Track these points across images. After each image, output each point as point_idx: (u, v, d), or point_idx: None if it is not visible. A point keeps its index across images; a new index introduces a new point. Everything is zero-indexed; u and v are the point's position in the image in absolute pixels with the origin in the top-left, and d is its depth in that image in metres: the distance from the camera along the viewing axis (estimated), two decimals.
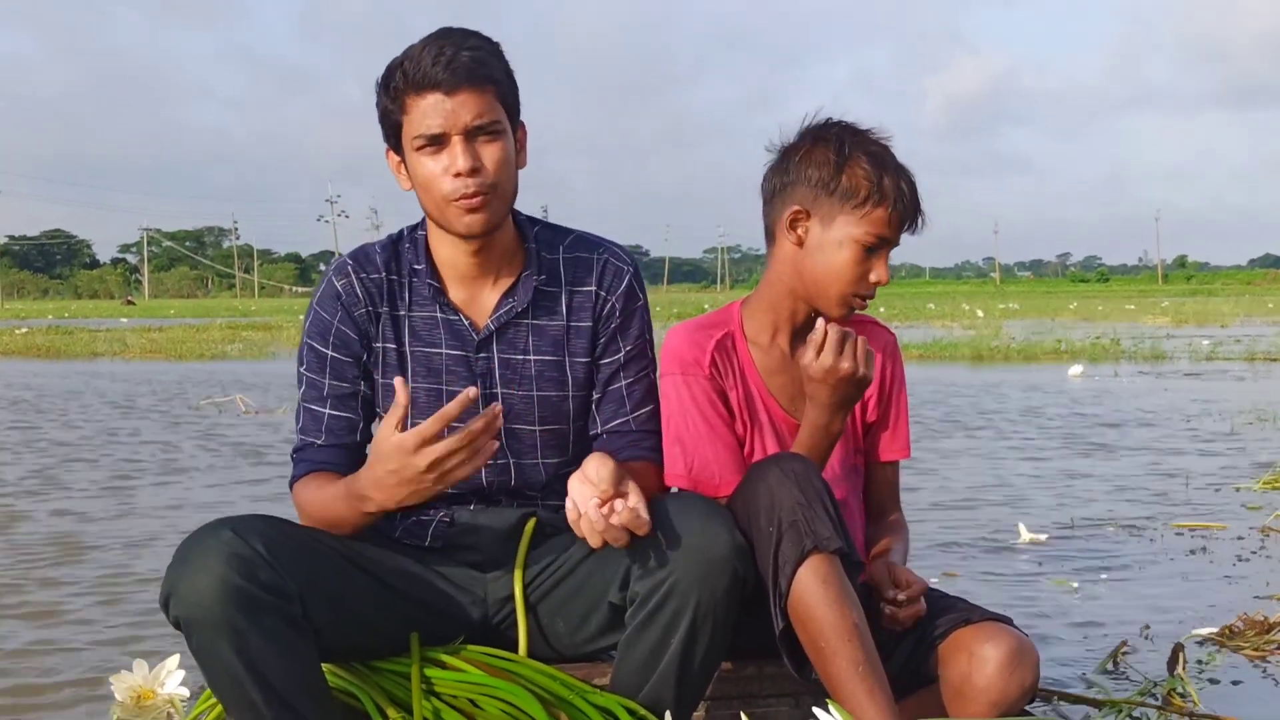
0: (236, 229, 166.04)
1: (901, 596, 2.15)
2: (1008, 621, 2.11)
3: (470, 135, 2.11)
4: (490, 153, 2.13)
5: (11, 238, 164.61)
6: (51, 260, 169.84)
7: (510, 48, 2.21)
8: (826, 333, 2.14)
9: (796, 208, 2.24)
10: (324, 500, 2.15)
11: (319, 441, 2.24)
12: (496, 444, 1.95)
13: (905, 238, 2.28)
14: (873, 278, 2.23)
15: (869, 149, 2.23)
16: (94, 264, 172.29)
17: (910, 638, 2.17)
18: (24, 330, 29.42)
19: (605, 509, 1.94)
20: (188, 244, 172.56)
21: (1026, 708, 2.07)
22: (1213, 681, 3.21)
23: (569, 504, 1.98)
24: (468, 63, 2.10)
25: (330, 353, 2.25)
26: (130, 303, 76.65)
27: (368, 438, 2.28)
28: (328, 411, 2.25)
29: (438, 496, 2.26)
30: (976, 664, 2.02)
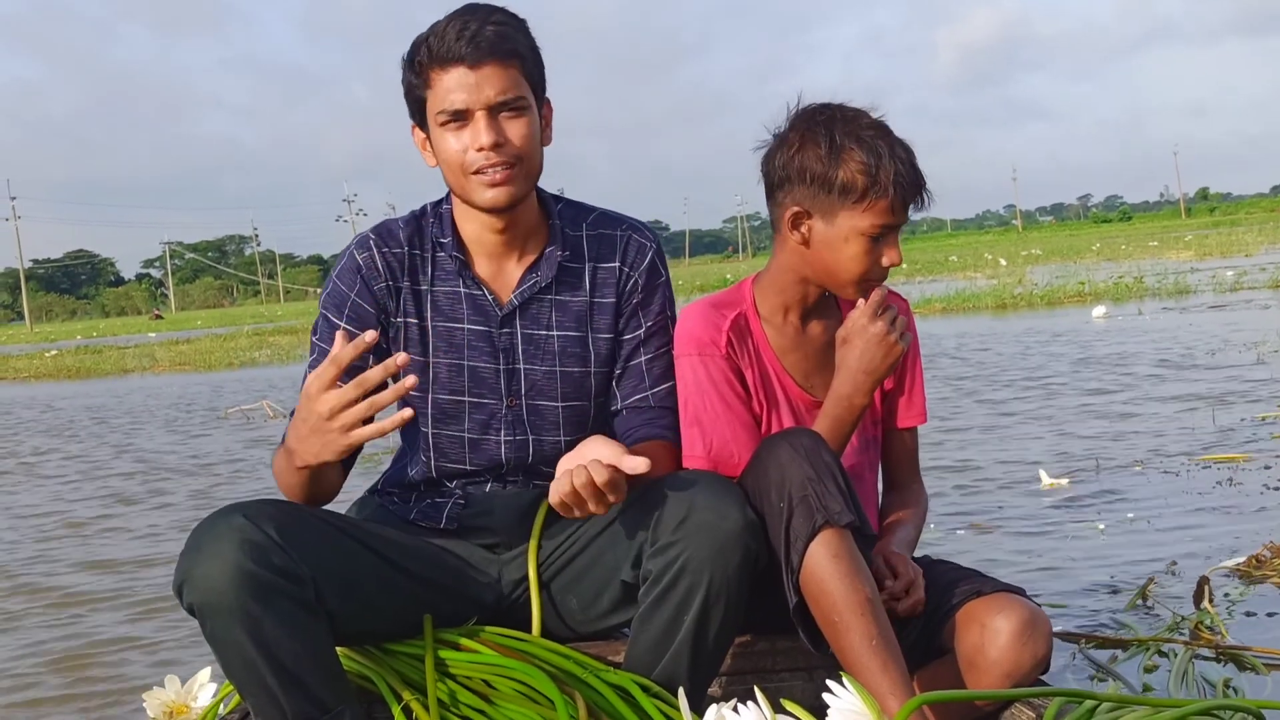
0: (257, 235, 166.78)
1: (897, 585, 2.16)
2: (1020, 592, 2.11)
3: (494, 111, 2.12)
4: (514, 128, 2.14)
5: (35, 261, 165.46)
6: (77, 281, 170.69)
7: None
8: (841, 305, 2.14)
9: (796, 208, 2.21)
10: (279, 462, 2.13)
11: None
12: (408, 412, 1.90)
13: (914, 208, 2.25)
14: (885, 262, 2.21)
15: (861, 137, 2.16)
16: (119, 281, 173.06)
17: (923, 611, 2.17)
18: (53, 352, 29.63)
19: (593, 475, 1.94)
20: (210, 254, 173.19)
21: (1040, 677, 2.07)
22: (1248, 614, 3.21)
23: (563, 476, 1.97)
24: (491, 37, 2.11)
25: (343, 325, 2.22)
26: (159, 317, 77.00)
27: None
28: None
29: (452, 476, 2.28)
30: (989, 636, 2.02)
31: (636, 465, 1.94)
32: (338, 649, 2.09)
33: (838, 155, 2.15)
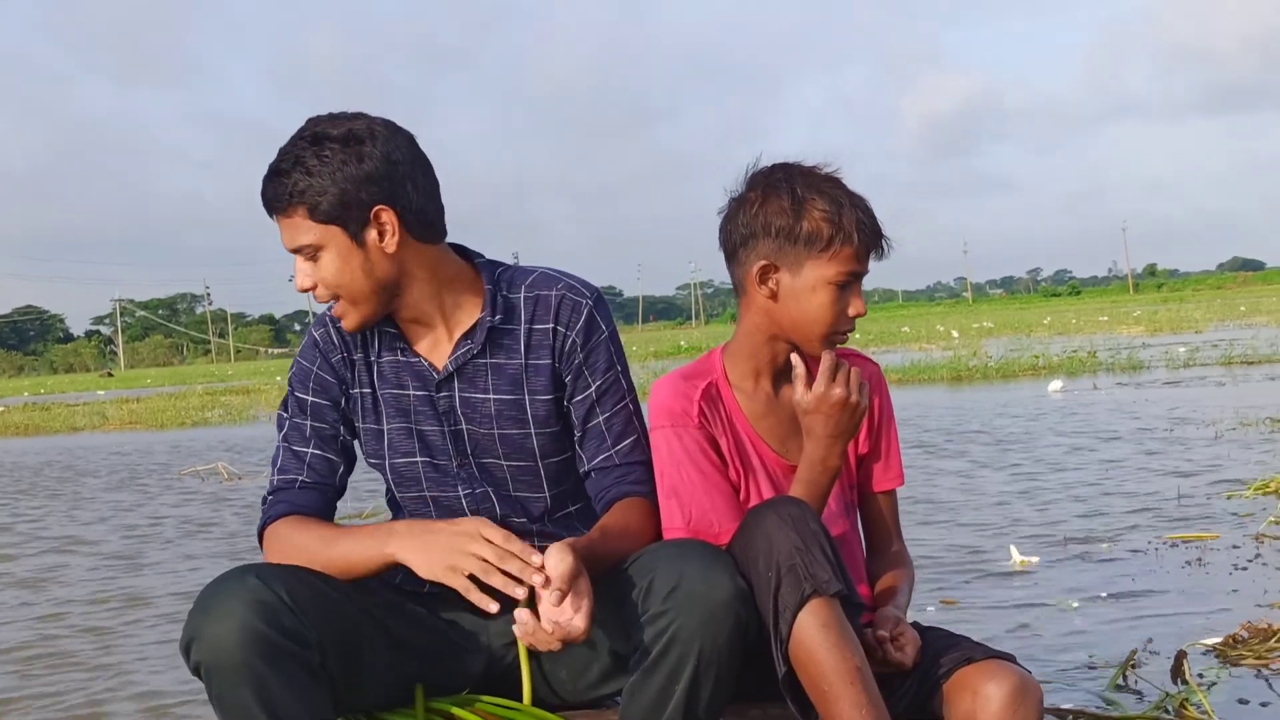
0: (209, 294, 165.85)
1: (895, 647, 2.15)
2: (1010, 659, 2.11)
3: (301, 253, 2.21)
4: (319, 270, 2.20)
5: None
6: (25, 337, 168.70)
7: (487, 92, 2.18)
8: (809, 364, 2.17)
9: (763, 262, 2.22)
10: (320, 538, 2.18)
11: (302, 478, 2.29)
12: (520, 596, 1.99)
13: (875, 264, 2.27)
14: (851, 312, 2.23)
15: (821, 188, 2.21)
16: (68, 338, 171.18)
17: (914, 678, 2.15)
18: (0, 409, 29.22)
19: (556, 603, 1.96)
20: (161, 312, 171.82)
21: None
22: (1241, 702, 3.18)
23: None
24: (270, 193, 2.17)
25: (310, 398, 2.32)
26: (109, 375, 76.27)
27: (344, 486, 2.36)
28: (310, 451, 2.31)
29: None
30: (980, 702, 2.01)
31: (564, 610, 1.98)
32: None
33: (801, 206, 2.20)
